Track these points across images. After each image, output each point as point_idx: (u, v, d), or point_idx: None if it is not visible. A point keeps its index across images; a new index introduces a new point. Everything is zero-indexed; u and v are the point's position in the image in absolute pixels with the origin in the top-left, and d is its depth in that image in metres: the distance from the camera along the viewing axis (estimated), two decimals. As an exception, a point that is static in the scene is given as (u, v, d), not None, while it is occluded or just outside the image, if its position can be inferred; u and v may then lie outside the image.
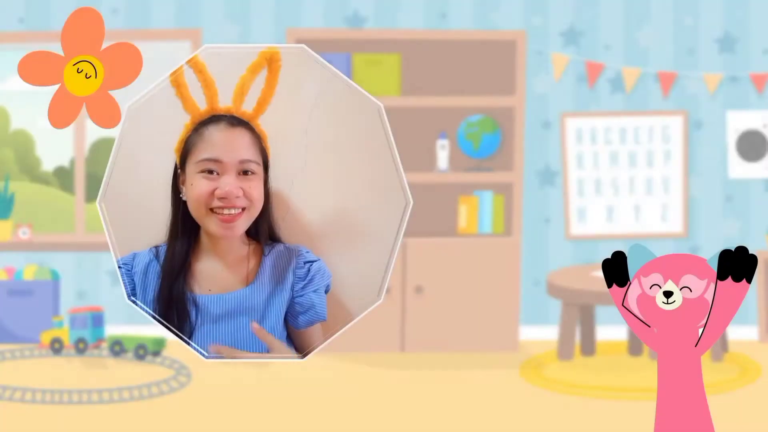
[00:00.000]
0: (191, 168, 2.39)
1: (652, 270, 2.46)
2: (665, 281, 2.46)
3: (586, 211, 6.62)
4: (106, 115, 2.32)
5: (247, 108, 2.39)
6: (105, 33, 2.32)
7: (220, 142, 2.38)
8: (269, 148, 2.41)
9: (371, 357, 6.12)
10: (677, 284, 2.45)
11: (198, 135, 2.38)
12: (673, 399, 2.48)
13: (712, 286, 2.44)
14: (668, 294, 2.45)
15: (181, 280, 2.40)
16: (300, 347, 2.45)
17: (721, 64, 6.57)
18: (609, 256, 2.48)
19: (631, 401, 5.21)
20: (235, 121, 2.39)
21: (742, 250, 2.45)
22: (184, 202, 2.40)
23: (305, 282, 2.42)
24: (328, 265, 2.42)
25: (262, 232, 2.42)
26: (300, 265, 2.42)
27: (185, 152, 2.39)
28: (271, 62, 2.38)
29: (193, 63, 2.38)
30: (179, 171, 2.40)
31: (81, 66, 2.31)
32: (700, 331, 2.46)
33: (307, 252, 2.42)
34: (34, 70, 2.29)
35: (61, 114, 2.32)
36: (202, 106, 2.39)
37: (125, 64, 2.31)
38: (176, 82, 2.37)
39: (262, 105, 2.40)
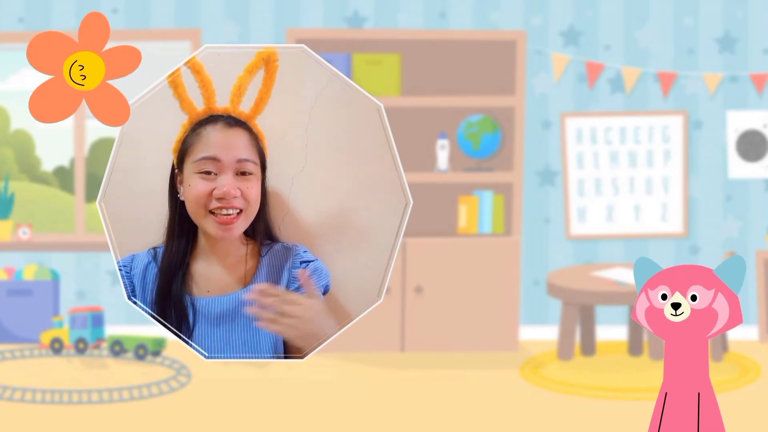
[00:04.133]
0: (189, 168, 2.38)
1: (658, 282, 2.46)
2: (672, 293, 2.45)
3: (586, 211, 6.62)
4: (112, 111, 2.31)
5: (244, 108, 2.39)
6: (110, 33, 2.33)
7: (218, 142, 2.38)
8: (266, 148, 2.40)
9: (371, 357, 6.11)
10: (684, 296, 2.45)
11: (195, 135, 2.38)
12: (680, 402, 2.48)
13: (720, 296, 2.44)
14: (676, 306, 2.45)
15: (178, 281, 2.40)
16: (297, 348, 2.45)
17: (721, 64, 6.57)
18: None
19: (631, 401, 5.21)
20: (232, 121, 2.39)
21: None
22: (182, 203, 2.40)
23: (300, 282, 2.41)
24: (327, 265, 2.42)
25: (259, 232, 2.41)
26: (296, 265, 2.41)
27: (182, 152, 2.39)
28: (268, 63, 2.38)
29: (191, 64, 2.38)
30: (176, 171, 2.40)
31: (81, 62, 2.31)
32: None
33: (305, 252, 2.42)
34: (43, 55, 2.28)
35: (54, 108, 2.30)
36: (200, 106, 2.39)
37: (123, 64, 2.31)
38: (174, 82, 2.37)
39: (259, 105, 2.40)
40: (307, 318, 2.38)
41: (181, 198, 2.40)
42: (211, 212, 2.38)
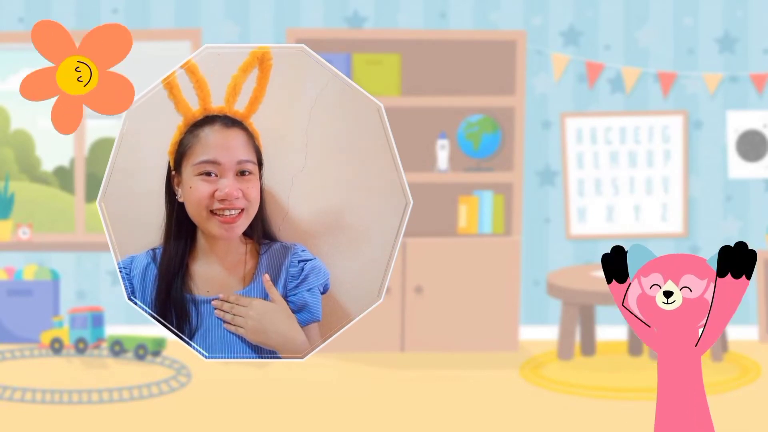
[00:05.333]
0: (188, 170, 2.38)
1: (652, 270, 2.46)
2: (665, 281, 2.46)
3: (586, 211, 6.62)
4: (115, 101, 2.33)
5: (239, 107, 2.39)
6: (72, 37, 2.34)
7: (217, 144, 2.37)
8: (262, 147, 2.41)
9: (371, 357, 6.12)
10: (677, 284, 2.45)
11: (193, 137, 2.38)
12: (673, 399, 2.48)
13: (712, 286, 2.44)
14: (668, 294, 2.45)
15: (178, 282, 2.40)
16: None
17: (721, 64, 6.57)
18: (608, 251, 2.48)
19: (631, 401, 5.21)
20: (229, 121, 2.38)
21: (741, 246, 2.45)
22: (180, 204, 2.40)
23: (298, 281, 2.41)
24: (327, 265, 2.42)
25: (258, 230, 2.41)
26: (294, 264, 2.42)
27: (180, 154, 2.39)
28: (262, 61, 2.38)
29: (185, 65, 2.37)
30: (173, 173, 2.40)
31: (72, 67, 2.32)
32: (700, 331, 2.46)
33: (303, 251, 2.42)
34: (34, 87, 2.31)
35: (64, 119, 2.33)
36: (195, 107, 2.38)
37: (114, 44, 2.32)
38: (169, 84, 2.37)
39: (253, 104, 2.39)
40: (252, 316, 2.39)
41: (180, 200, 2.40)
42: (213, 213, 2.38)
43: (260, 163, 2.40)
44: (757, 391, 5.44)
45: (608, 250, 2.51)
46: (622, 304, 2.49)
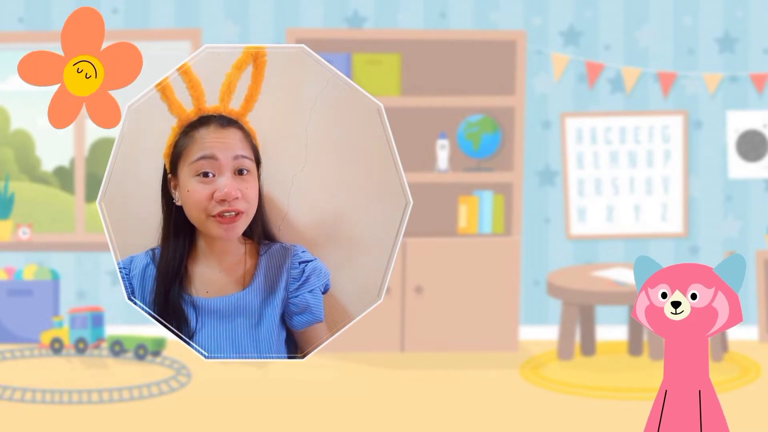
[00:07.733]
0: (185, 171, 2.36)
1: (659, 281, 2.46)
2: (672, 292, 2.45)
3: (586, 211, 6.62)
4: (106, 115, 2.32)
5: (234, 106, 2.38)
6: (105, 33, 2.32)
7: (213, 142, 2.36)
8: (260, 145, 2.40)
9: (371, 357, 6.11)
10: (685, 294, 2.45)
11: (188, 138, 2.36)
12: (680, 398, 2.48)
13: (720, 294, 2.43)
14: (676, 304, 2.45)
15: (177, 282, 2.39)
16: (300, 348, 2.45)
17: (721, 64, 6.57)
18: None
19: (631, 401, 5.21)
20: (224, 121, 2.37)
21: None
22: (178, 207, 2.38)
23: (300, 282, 2.41)
24: (327, 265, 2.42)
25: (257, 231, 2.40)
26: (294, 265, 2.41)
27: (175, 156, 2.37)
28: (256, 58, 2.38)
29: (181, 69, 2.36)
30: (170, 176, 2.38)
31: (81, 66, 2.30)
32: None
33: (303, 252, 2.41)
34: (34, 69, 2.29)
35: (61, 114, 2.32)
36: (189, 107, 2.37)
37: (125, 64, 2.31)
38: (161, 86, 2.35)
39: (249, 102, 2.39)
40: None
41: (177, 203, 2.37)
42: (213, 215, 2.36)
43: (258, 162, 2.39)
44: (757, 391, 5.44)
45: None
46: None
